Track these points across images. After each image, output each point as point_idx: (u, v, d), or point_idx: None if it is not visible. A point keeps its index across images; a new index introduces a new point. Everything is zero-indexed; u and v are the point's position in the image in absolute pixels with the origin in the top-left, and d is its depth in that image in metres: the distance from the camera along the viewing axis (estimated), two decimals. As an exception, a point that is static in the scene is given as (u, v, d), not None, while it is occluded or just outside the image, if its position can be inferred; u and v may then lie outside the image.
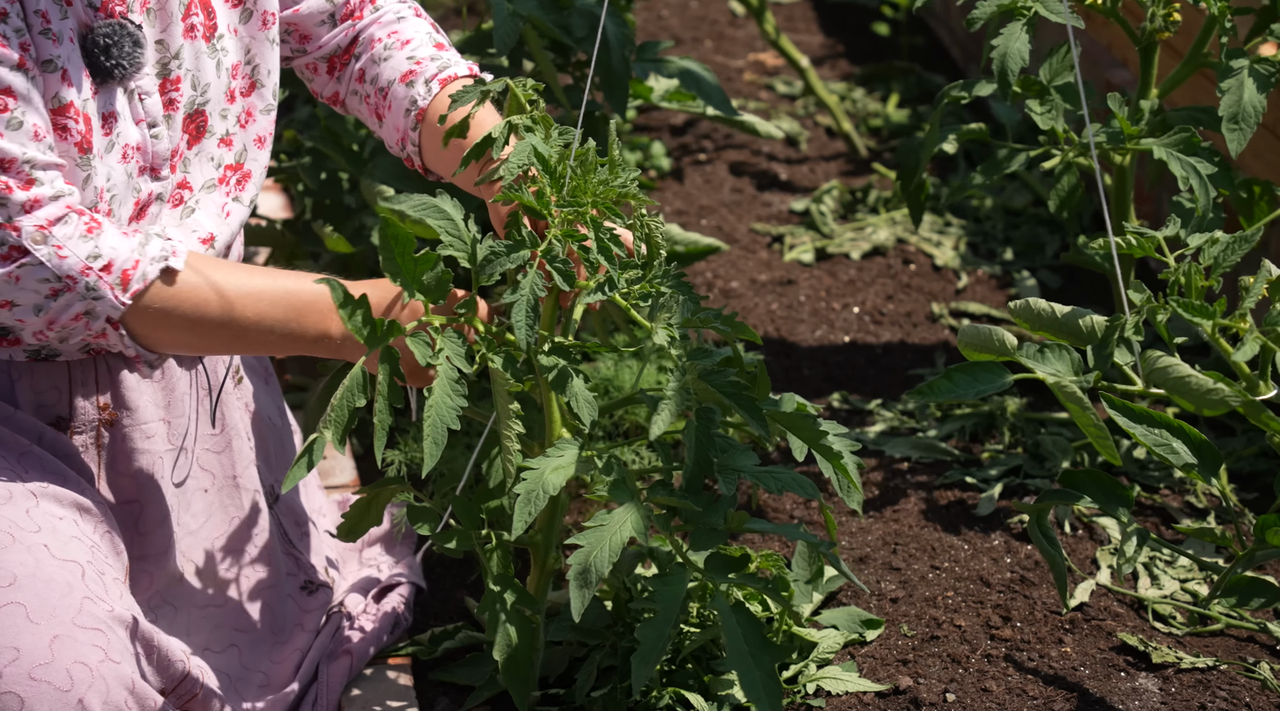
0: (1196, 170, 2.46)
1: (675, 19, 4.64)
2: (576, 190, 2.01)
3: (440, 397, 1.92)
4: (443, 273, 1.98)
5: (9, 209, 1.89)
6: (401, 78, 2.26)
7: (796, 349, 3.13)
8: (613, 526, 1.94)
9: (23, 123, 1.90)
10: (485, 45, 3.02)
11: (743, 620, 1.99)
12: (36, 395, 2.08)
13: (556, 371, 1.99)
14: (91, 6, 1.97)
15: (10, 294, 1.92)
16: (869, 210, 3.62)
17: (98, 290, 1.94)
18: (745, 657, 1.96)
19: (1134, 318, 2.20)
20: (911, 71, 4.22)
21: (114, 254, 1.95)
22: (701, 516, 2.03)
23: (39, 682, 1.79)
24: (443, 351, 1.95)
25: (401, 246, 1.95)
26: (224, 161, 2.16)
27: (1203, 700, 2.20)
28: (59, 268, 1.92)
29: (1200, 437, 2.14)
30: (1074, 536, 2.57)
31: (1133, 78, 3.45)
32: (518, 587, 2.15)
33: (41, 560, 1.88)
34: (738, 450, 2.05)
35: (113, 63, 1.98)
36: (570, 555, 1.94)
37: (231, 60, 2.14)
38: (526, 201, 1.98)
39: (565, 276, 1.95)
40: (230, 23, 2.14)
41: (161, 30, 2.05)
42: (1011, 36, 2.47)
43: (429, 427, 1.91)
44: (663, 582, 2.00)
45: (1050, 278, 3.36)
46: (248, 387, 2.35)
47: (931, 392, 2.25)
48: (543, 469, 1.96)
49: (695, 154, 3.89)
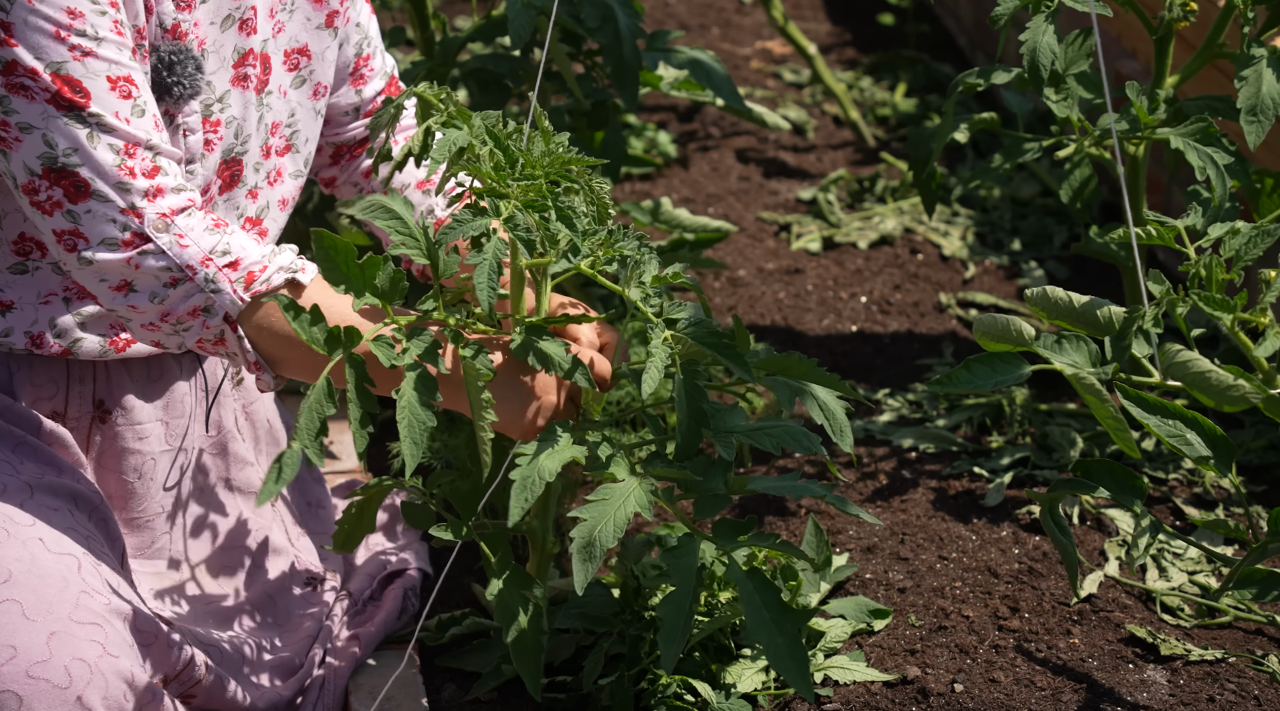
0: (1213, 160, 2.45)
1: (682, 6, 4.63)
2: (525, 165, 1.99)
3: (410, 398, 1.90)
4: (395, 273, 1.95)
5: (132, 194, 1.89)
6: (417, 184, 2.33)
7: (804, 338, 3.12)
8: (616, 499, 1.93)
9: (145, 109, 1.91)
10: (495, 33, 3.00)
11: (759, 586, 1.95)
12: (34, 388, 2.08)
13: (520, 342, 1.97)
14: (162, 27, 1.98)
15: (130, 276, 1.91)
16: (876, 199, 3.62)
17: (217, 283, 1.92)
18: (768, 625, 1.93)
19: (1153, 309, 2.19)
20: (919, 60, 4.22)
21: (243, 253, 1.94)
22: (701, 483, 2.01)
23: (37, 680, 1.79)
24: (408, 351, 1.93)
25: (342, 255, 1.94)
26: (247, 213, 2.17)
27: (1211, 692, 2.20)
28: (179, 256, 1.91)
29: (1215, 430, 2.13)
30: (1082, 528, 2.57)
31: (1142, 68, 3.44)
32: (518, 571, 2.14)
33: (37, 555, 1.88)
34: (728, 411, 2.04)
35: (174, 79, 1.99)
36: (574, 529, 1.93)
37: (274, 118, 2.15)
38: (485, 174, 1.96)
39: (527, 244, 1.94)
40: (283, 84, 2.15)
41: (211, 72, 2.05)
42: (1038, 30, 2.46)
43: (404, 428, 1.89)
44: (674, 556, 1.96)
45: (1058, 268, 3.35)
46: (246, 390, 2.35)
47: (951, 383, 2.24)
48: (537, 455, 1.94)
49: (702, 141, 3.88)
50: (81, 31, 1.86)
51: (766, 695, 2.20)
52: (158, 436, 2.16)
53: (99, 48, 1.87)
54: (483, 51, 3.28)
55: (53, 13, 1.84)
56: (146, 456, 2.15)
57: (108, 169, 1.88)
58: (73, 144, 1.86)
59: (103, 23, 1.87)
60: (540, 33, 2.93)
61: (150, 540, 2.18)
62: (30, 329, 2.03)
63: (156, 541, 2.19)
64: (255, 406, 2.37)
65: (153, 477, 2.17)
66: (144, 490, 2.16)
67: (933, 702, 2.18)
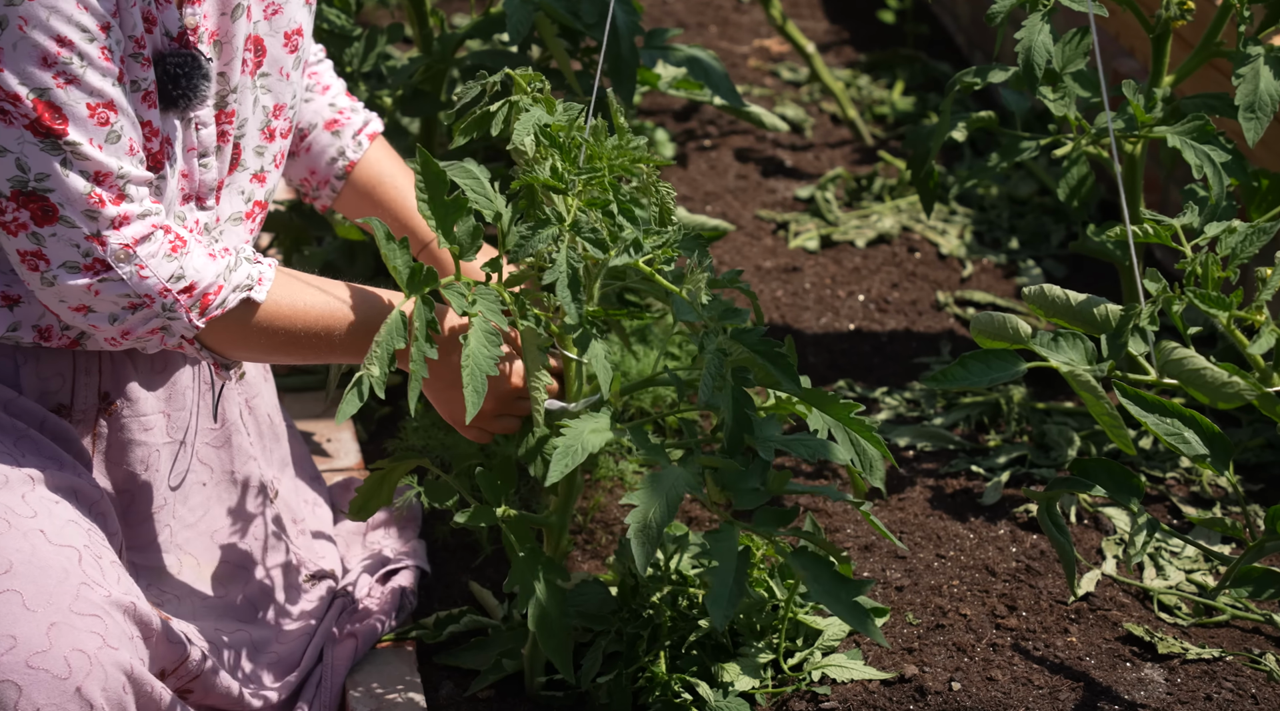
0: (1211, 158, 2.45)
1: (681, 4, 4.63)
2: (592, 157, 2.02)
3: (476, 347, 1.96)
4: (475, 227, 2.02)
5: (99, 223, 1.91)
6: (326, 124, 2.36)
7: (802, 336, 3.12)
8: (666, 481, 1.95)
9: (121, 136, 1.92)
10: (493, 30, 3.00)
11: (808, 561, 2.02)
12: (41, 381, 2.08)
13: (580, 333, 2.01)
14: (167, 35, 1.99)
15: (89, 301, 1.95)
16: (874, 198, 3.62)
17: (174, 311, 1.97)
18: (829, 593, 2.00)
19: (1149, 307, 2.19)
20: (917, 59, 4.22)
21: (197, 276, 1.98)
22: (742, 477, 2.04)
23: (37, 671, 1.79)
24: (477, 303, 1.99)
25: (439, 187, 2.00)
26: (254, 197, 2.18)
27: (1208, 690, 2.20)
28: (138, 287, 1.94)
29: (1213, 428, 2.13)
30: (1080, 526, 2.57)
31: (1139, 67, 3.44)
32: (544, 557, 2.16)
33: (37, 546, 1.88)
34: (765, 421, 2.07)
35: (179, 92, 2.00)
36: (628, 514, 1.95)
37: (276, 100, 2.16)
38: (544, 180, 1.99)
39: (597, 244, 1.98)
40: (284, 66, 2.16)
41: (225, 64, 2.06)
42: (1034, 29, 2.46)
43: (468, 376, 1.95)
44: (716, 539, 2.00)
45: (1055, 267, 3.36)
46: (249, 384, 2.36)
47: (946, 379, 2.24)
48: (582, 428, 1.98)
49: (700, 140, 3.88)
50: (69, 59, 1.86)
51: (764, 693, 2.21)
52: (160, 429, 2.17)
53: (84, 74, 1.88)
54: (481, 48, 3.28)
55: (43, 40, 1.84)
56: (151, 448, 2.16)
57: (77, 196, 1.89)
58: (45, 169, 1.88)
59: (91, 49, 1.88)
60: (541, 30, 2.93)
61: (153, 532, 2.19)
62: (38, 322, 2.04)
63: (159, 534, 2.19)
64: (257, 400, 2.37)
65: (158, 469, 2.18)
66: (150, 482, 2.17)
67: (930, 701, 2.18)
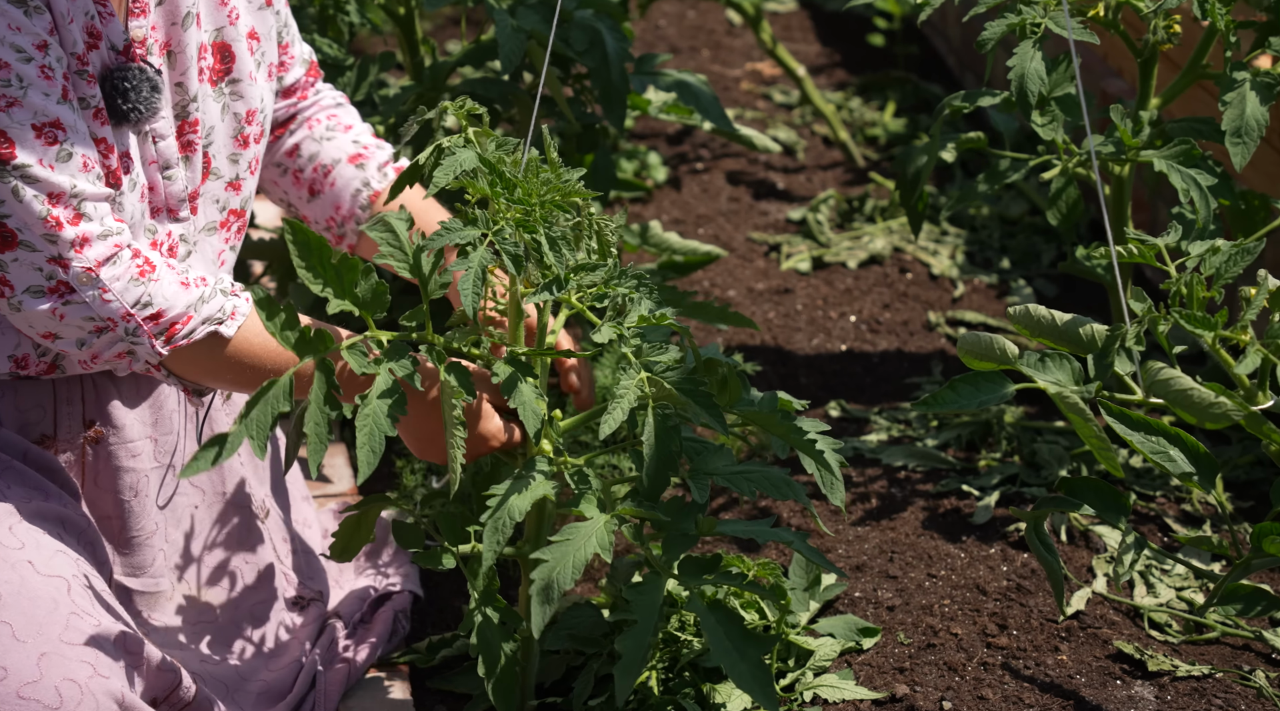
0: (1197, 182, 2.46)
1: (673, 28, 4.65)
2: (521, 192, 1.97)
3: (376, 406, 1.89)
4: (378, 284, 1.94)
5: (58, 246, 1.90)
6: (350, 158, 2.33)
7: (794, 357, 3.13)
8: (577, 541, 1.93)
9: (72, 154, 1.91)
10: (485, 58, 3.01)
11: (721, 617, 1.97)
12: (20, 413, 2.08)
13: (506, 377, 1.97)
14: (114, 49, 1.98)
15: (54, 327, 1.94)
16: (866, 219, 3.63)
17: (137, 336, 1.96)
18: (730, 652, 1.95)
19: (1135, 327, 2.20)
20: (908, 81, 4.24)
21: (166, 304, 1.97)
22: (671, 524, 2.02)
23: (28, 701, 1.80)
24: (383, 363, 1.92)
25: (316, 252, 1.92)
26: (230, 205, 2.18)
27: (1198, 707, 2.21)
28: (101, 310, 1.93)
29: (1198, 446, 2.14)
30: (1070, 545, 2.58)
31: (1128, 87, 3.46)
32: (501, 604, 2.13)
33: (26, 577, 1.89)
34: (711, 452, 2.04)
35: (129, 107, 1.99)
36: (534, 570, 1.93)
37: (247, 107, 2.16)
38: (480, 189, 1.95)
39: (514, 260, 1.92)
40: (251, 71, 2.16)
41: (180, 74, 2.06)
42: (1026, 56, 2.47)
43: (364, 436, 1.87)
44: (638, 592, 1.98)
45: (1046, 286, 3.37)
46: (236, 404, 2.36)
47: (936, 403, 2.25)
48: (507, 496, 1.95)
49: (692, 163, 3.90)
50: (6, 82, 1.85)
51: (756, 714, 2.21)
52: (147, 454, 2.17)
53: (25, 95, 1.86)
54: (473, 75, 3.30)
55: None
56: (140, 474, 2.16)
57: (34, 219, 1.88)
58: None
59: (29, 70, 1.87)
60: (532, 58, 2.94)
61: (145, 559, 2.18)
62: (14, 352, 2.04)
63: (152, 560, 2.19)
64: None
65: (147, 495, 2.17)
66: (139, 508, 2.17)
67: (921, 720, 2.19)
